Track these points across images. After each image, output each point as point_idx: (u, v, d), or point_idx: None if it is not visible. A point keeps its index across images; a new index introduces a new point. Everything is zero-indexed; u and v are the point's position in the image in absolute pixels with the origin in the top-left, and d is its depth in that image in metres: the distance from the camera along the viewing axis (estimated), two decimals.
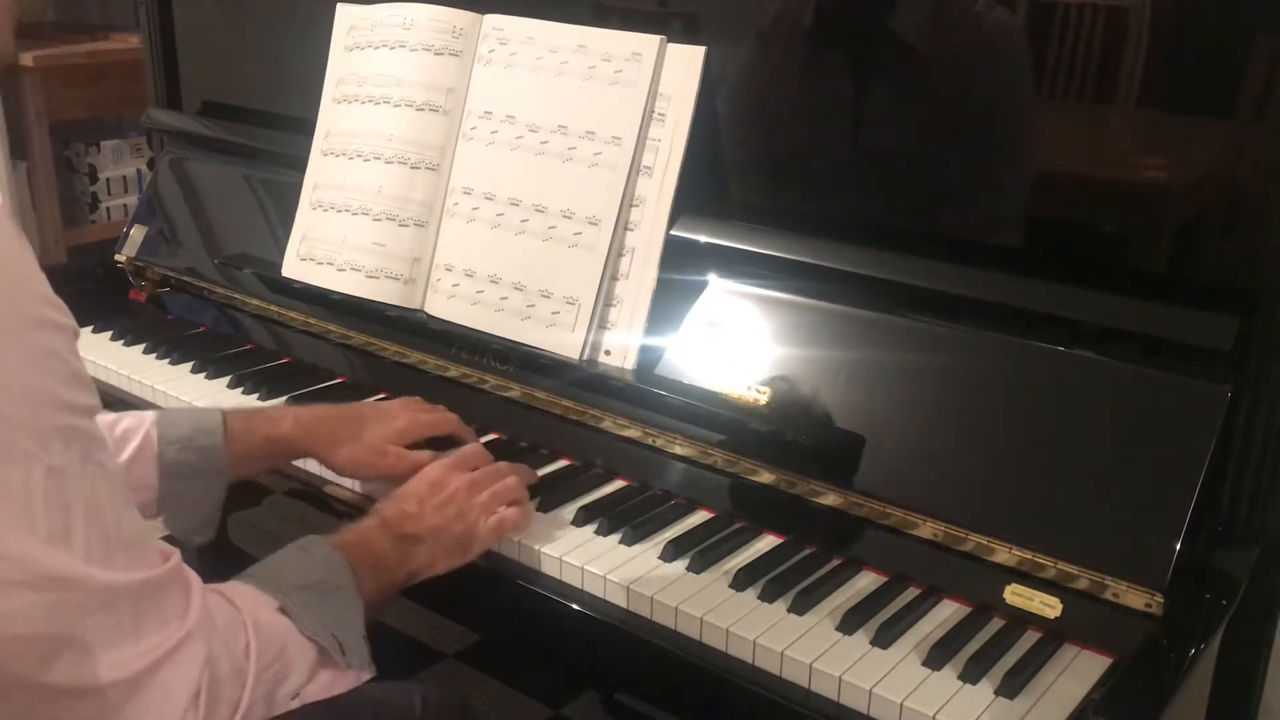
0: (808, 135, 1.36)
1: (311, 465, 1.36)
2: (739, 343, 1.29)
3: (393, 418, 1.32)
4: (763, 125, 1.39)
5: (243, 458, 1.26)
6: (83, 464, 0.79)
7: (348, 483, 1.34)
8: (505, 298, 1.42)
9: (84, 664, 0.78)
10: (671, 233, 1.33)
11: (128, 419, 1.22)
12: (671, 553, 1.17)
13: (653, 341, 1.33)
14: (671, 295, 1.33)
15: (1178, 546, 1.01)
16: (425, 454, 1.28)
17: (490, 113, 1.46)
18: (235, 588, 0.96)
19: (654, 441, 1.31)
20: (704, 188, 1.36)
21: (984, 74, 1.25)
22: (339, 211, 1.55)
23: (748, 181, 1.40)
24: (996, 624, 1.08)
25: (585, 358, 1.35)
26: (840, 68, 1.32)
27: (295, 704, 0.94)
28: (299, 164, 1.62)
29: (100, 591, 0.79)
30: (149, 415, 1.24)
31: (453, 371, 1.48)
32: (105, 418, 1.19)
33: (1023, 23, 1.19)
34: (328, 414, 1.32)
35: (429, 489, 1.18)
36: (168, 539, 1.01)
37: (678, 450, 1.30)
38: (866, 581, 1.15)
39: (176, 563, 0.86)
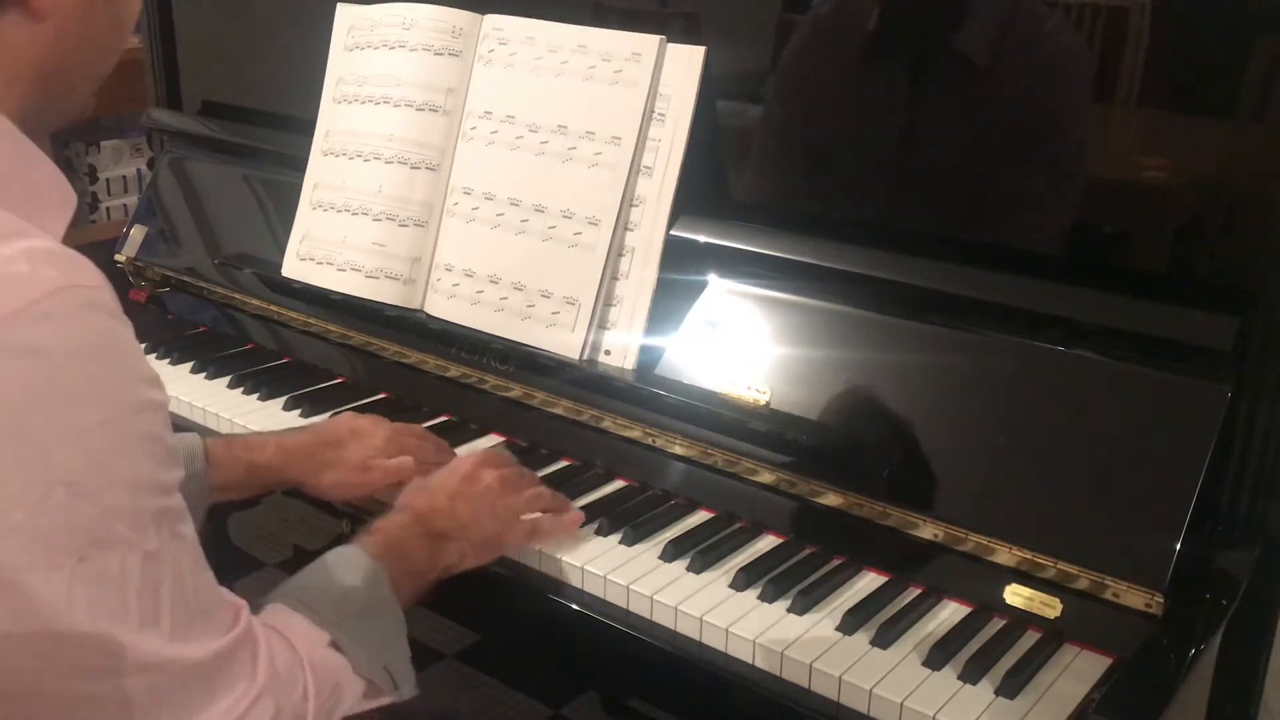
0: (807, 135, 1.36)
1: None
2: (739, 343, 1.29)
3: (371, 434, 1.30)
4: (762, 125, 1.39)
5: (223, 485, 1.24)
6: (171, 541, 0.78)
7: None
8: (505, 298, 1.42)
9: None
10: (671, 233, 1.33)
11: None
12: (671, 553, 1.17)
13: (653, 341, 1.33)
14: (671, 295, 1.33)
15: (1178, 546, 1.01)
16: (407, 459, 1.28)
17: (490, 113, 1.45)
18: (287, 619, 0.95)
19: (654, 441, 1.31)
20: (704, 188, 1.36)
21: (985, 74, 1.25)
22: (339, 211, 1.55)
23: (748, 181, 1.40)
24: (996, 624, 1.08)
25: (585, 358, 1.35)
26: (839, 67, 1.32)
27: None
28: (299, 164, 1.62)
29: (183, 670, 0.79)
30: None
31: (453, 371, 1.48)
32: None
33: (1024, 24, 1.19)
34: (308, 440, 1.30)
35: (462, 481, 1.16)
36: None
37: (678, 450, 1.30)
38: (866, 581, 1.15)
39: (246, 622, 0.86)
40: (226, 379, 1.58)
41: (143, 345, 1.64)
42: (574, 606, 1.15)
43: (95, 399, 0.73)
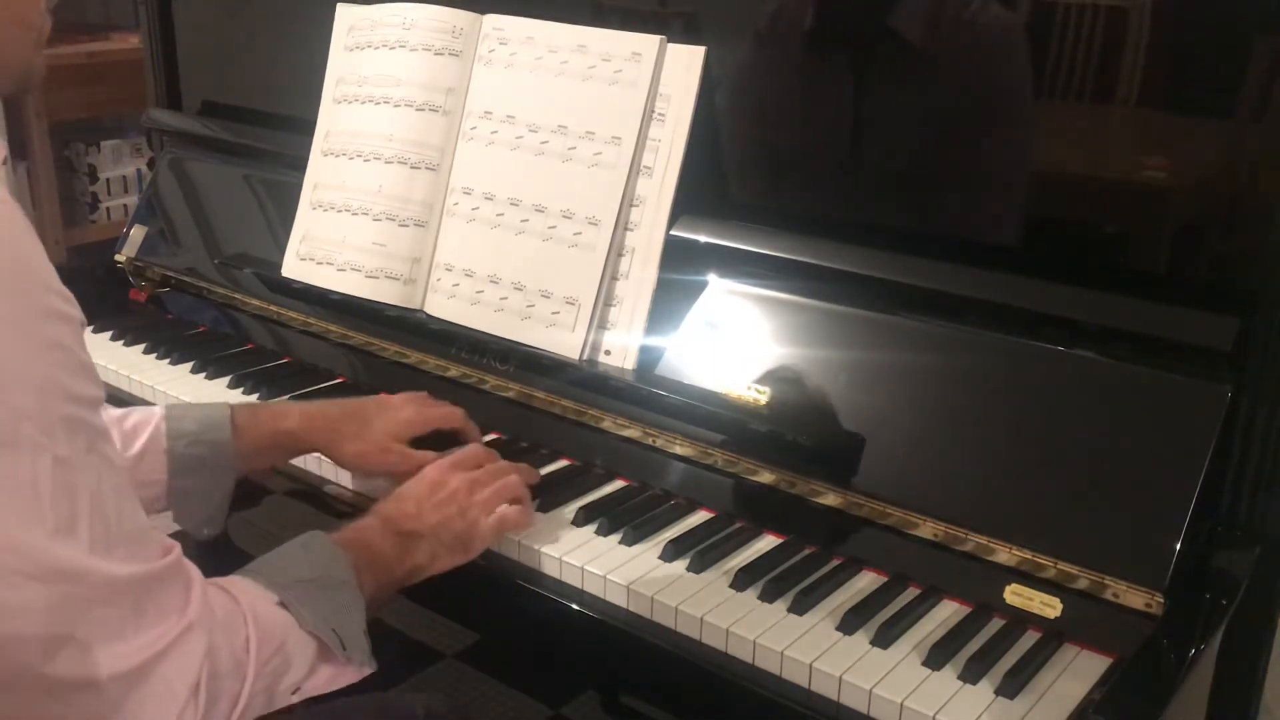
0: (807, 135, 1.36)
1: (311, 465, 1.36)
2: (739, 343, 1.29)
3: (398, 411, 1.32)
4: (762, 125, 1.39)
5: (250, 451, 1.27)
6: (87, 455, 0.79)
7: (347, 482, 1.35)
8: (505, 298, 1.42)
9: (85, 657, 0.79)
10: (671, 233, 1.33)
11: (137, 413, 1.23)
12: (672, 552, 1.17)
13: (653, 341, 1.33)
14: (671, 295, 1.33)
15: (1178, 546, 1.01)
16: (429, 454, 1.28)
17: (490, 113, 1.46)
18: (235, 582, 0.97)
19: (654, 441, 1.31)
20: (704, 188, 1.36)
21: (985, 74, 1.25)
22: (339, 211, 1.55)
23: (748, 181, 1.40)
24: (996, 624, 1.08)
25: (585, 358, 1.35)
26: (840, 67, 1.32)
27: (296, 698, 0.95)
28: (299, 164, 1.62)
29: (103, 584, 0.79)
30: (158, 410, 1.25)
31: (453, 371, 1.48)
32: (114, 412, 1.20)
33: (1023, 22, 1.19)
34: (333, 409, 1.33)
35: (429, 488, 1.18)
36: (178, 535, 1.01)
37: (678, 450, 1.30)
38: (866, 581, 1.15)
39: (177, 556, 0.87)
40: (227, 379, 1.58)
41: (142, 345, 1.67)
42: (573, 606, 1.15)
43: None
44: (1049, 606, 1.06)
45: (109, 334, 1.73)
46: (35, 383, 0.76)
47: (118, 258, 1.85)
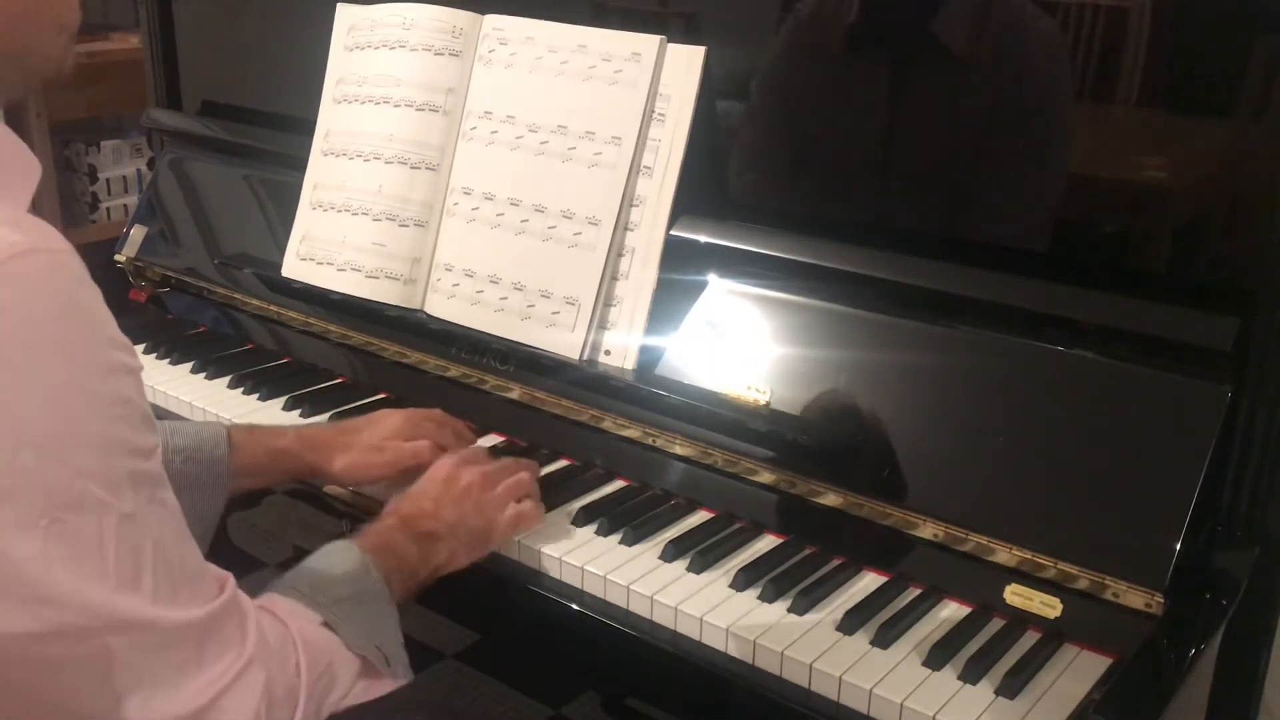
0: (807, 135, 1.36)
1: None
2: (739, 343, 1.29)
3: (387, 419, 1.32)
4: (763, 125, 1.39)
5: (245, 470, 1.26)
6: (149, 505, 0.79)
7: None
8: (505, 298, 1.42)
9: (153, 701, 0.79)
10: (671, 233, 1.33)
11: None
12: (671, 553, 1.17)
13: (653, 341, 1.33)
14: (671, 295, 1.33)
15: (1178, 546, 1.01)
16: (423, 442, 1.28)
17: (490, 113, 1.45)
18: (278, 603, 0.96)
19: (654, 441, 1.31)
20: (704, 188, 1.35)
21: (985, 74, 1.25)
22: (339, 211, 1.55)
23: (748, 181, 1.40)
24: (996, 624, 1.08)
25: (585, 358, 1.35)
26: (840, 67, 1.32)
27: (339, 708, 0.95)
28: (299, 164, 1.62)
29: (169, 631, 0.80)
30: None
31: (453, 371, 1.48)
32: None
33: (1024, 24, 1.19)
34: (327, 427, 1.34)
35: (443, 485, 1.18)
36: None
37: (678, 450, 1.30)
38: (866, 581, 1.15)
39: (232, 591, 0.87)
40: (226, 379, 1.58)
41: (142, 345, 1.67)
42: (574, 606, 1.15)
43: (61, 359, 0.74)
44: (1049, 606, 1.06)
45: None
46: (99, 442, 0.76)
47: (118, 258, 1.85)
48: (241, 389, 1.55)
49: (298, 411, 1.49)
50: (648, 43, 1.34)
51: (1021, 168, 1.23)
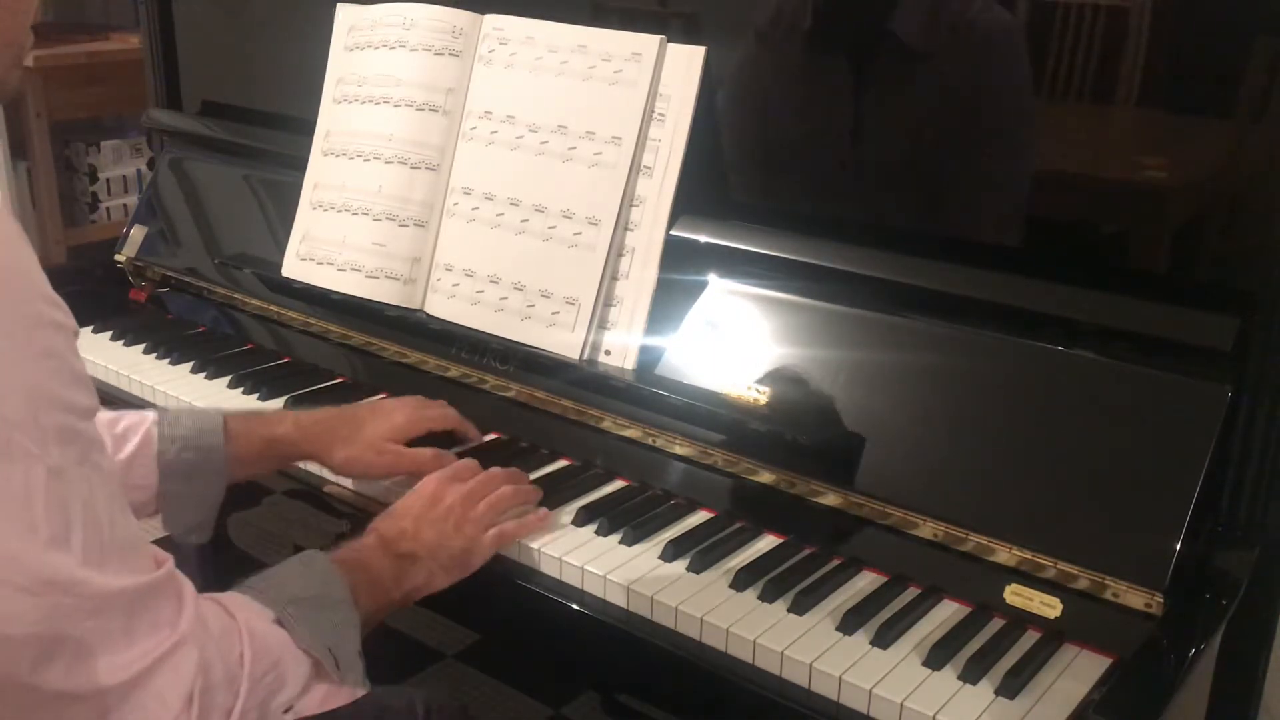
0: (807, 135, 1.36)
1: (312, 465, 1.36)
2: (739, 343, 1.29)
3: (391, 414, 1.32)
4: (763, 125, 1.39)
5: (242, 458, 1.26)
6: (80, 465, 0.79)
7: (347, 482, 1.34)
8: (505, 298, 1.42)
9: (77, 668, 0.79)
10: (671, 233, 1.33)
11: (128, 417, 1.23)
12: (671, 553, 1.17)
13: (653, 341, 1.33)
14: (671, 295, 1.33)
15: (1178, 546, 1.01)
16: (427, 451, 1.28)
17: (490, 113, 1.45)
18: (232, 598, 0.96)
19: (654, 441, 1.31)
20: (704, 188, 1.36)
21: (984, 74, 1.25)
22: (339, 211, 1.55)
23: (748, 181, 1.40)
24: (996, 624, 1.08)
25: (585, 358, 1.35)
26: (840, 67, 1.32)
27: (289, 717, 0.94)
28: (299, 164, 1.62)
29: (96, 596, 0.79)
30: (149, 414, 1.24)
31: (453, 371, 1.48)
32: (105, 415, 1.19)
33: (1023, 23, 1.19)
34: (327, 415, 1.32)
35: (426, 504, 1.18)
36: (165, 540, 1.01)
37: (678, 450, 1.30)
38: (866, 581, 1.15)
39: (170, 569, 0.86)
40: (226, 379, 1.57)
41: (142, 345, 1.67)
42: (574, 606, 1.15)
43: None
44: (1049, 606, 1.06)
45: (109, 334, 1.73)
46: (27, 392, 0.75)
47: (118, 258, 1.85)
48: (241, 389, 1.55)
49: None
50: (648, 43, 1.34)
51: (1009, 165, 1.23)
